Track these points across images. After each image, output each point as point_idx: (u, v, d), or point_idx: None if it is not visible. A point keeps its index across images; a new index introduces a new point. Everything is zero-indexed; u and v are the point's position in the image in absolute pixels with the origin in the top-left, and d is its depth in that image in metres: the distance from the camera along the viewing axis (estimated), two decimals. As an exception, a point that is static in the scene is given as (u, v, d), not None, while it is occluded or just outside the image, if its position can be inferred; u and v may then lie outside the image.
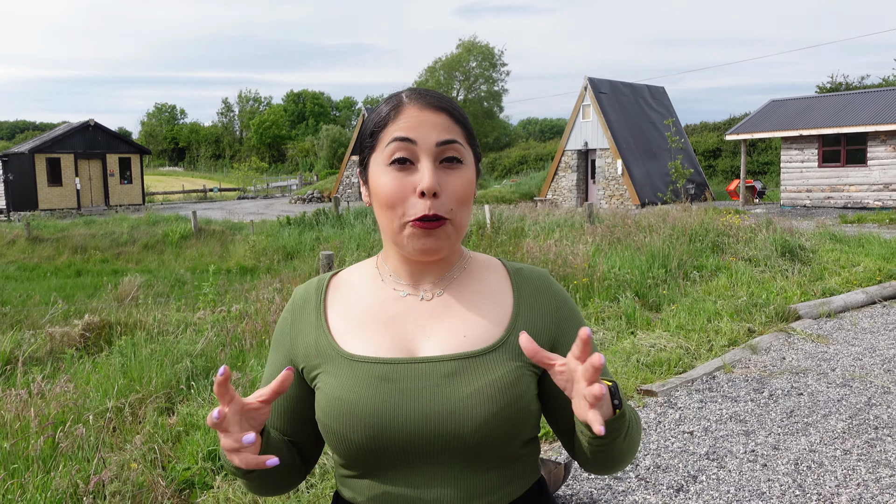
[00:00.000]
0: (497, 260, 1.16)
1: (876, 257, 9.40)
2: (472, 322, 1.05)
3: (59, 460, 3.32)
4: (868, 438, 4.09)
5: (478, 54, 54.04)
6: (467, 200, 1.03)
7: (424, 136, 1.00)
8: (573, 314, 1.13)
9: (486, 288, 1.10)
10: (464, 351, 1.02)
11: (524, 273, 1.13)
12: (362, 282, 1.12)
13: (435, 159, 1.00)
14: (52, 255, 18.68)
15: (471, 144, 1.06)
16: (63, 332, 6.05)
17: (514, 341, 1.04)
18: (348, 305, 1.09)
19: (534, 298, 1.10)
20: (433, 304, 1.07)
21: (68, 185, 32.64)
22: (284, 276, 9.27)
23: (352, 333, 1.06)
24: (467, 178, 1.03)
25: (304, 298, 1.13)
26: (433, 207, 0.99)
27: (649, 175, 25.77)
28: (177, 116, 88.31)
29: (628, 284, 7.47)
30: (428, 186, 0.98)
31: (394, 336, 1.04)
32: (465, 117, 1.07)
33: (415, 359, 1.02)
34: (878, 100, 20.76)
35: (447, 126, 1.02)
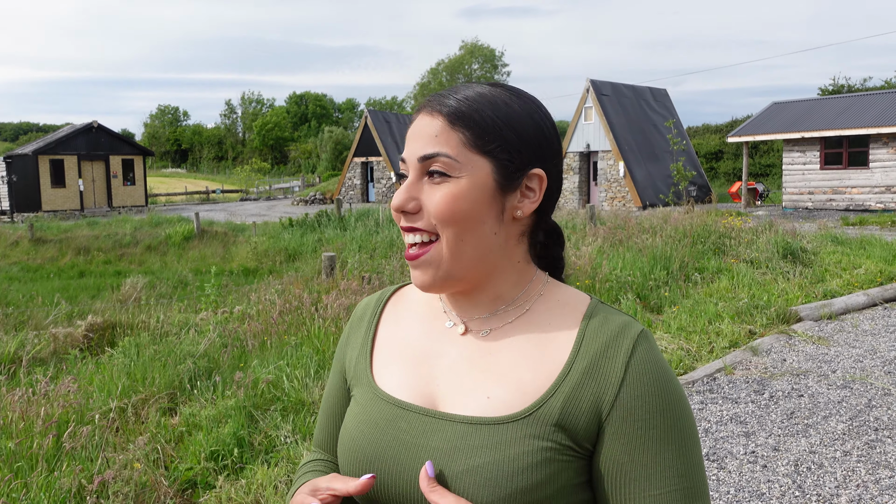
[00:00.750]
0: (587, 299, 0.92)
1: (877, 259, 9.40)
2: (506, 380, 0.86)
3: (63, 460, 3.35)
4: (868, 440, 4.10)
5: (479, 56, 54.13)
6: (454, 218, 0.85)
7: (412, 150, 0.88)
8: (643, 399, 0.82)
9: (543, 339, 0.88)
10: (481, 415, 0.84)
11: (603, 323, 0.87)
12: (421, 301, 1.00)
13: (420, 174, 0.88)
14: (55, 256, 18.74)
15: (483, 151, 0.86)
16: (66, 332, 6.08)
17: (547, 413, 0.83)
18: (398, 326, 0.99)
19: (596, 362, 0.84)
20: (473, 346, 0.91)
21: (71, 187, 32.72)
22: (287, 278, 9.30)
23: (388, 361, 0.96)
24: (450, 192, 0.85)
25: (362, 311, 1.05)
26: (406, 220, 0.88)
27: (651, 177, 25.78)
28: (180, 118, 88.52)
29: (630, 286, 7.49)
30: (393, 203, 0.88)
31: (422, 376, 0.91)
32: (471, 118, 0.86)
33: (429, 411, 0.88)
34: (880, 102, 20.75)
35: (435, 135, 0.86)
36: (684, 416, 0.83)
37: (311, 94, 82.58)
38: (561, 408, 0.83)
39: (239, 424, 3.80)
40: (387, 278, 7.73)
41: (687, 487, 0.82)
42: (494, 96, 0.88)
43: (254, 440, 3.78)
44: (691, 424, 0.84)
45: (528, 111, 0.89)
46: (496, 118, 0.87)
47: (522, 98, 0.91)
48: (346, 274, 7.91)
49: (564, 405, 0.83)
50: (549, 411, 0.83)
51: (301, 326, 5.64)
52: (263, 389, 4.24)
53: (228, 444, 3.64)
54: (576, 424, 0.82)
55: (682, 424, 0.83)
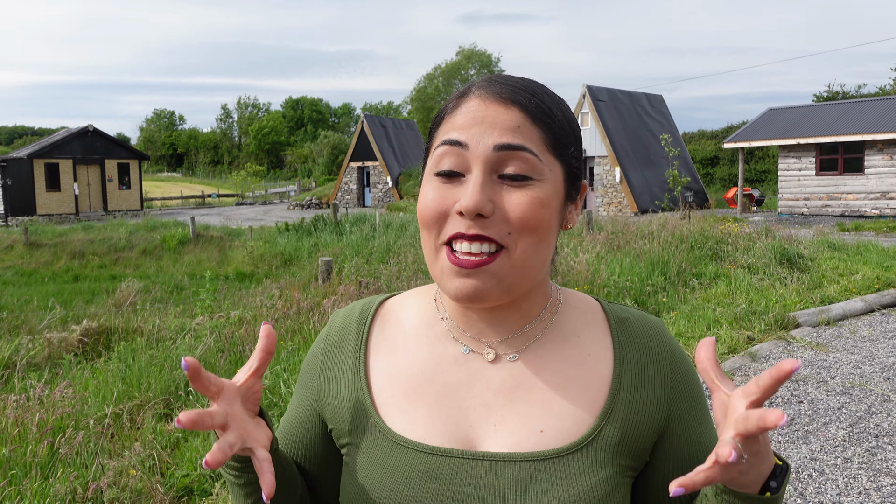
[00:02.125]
0: (594, 302, 0.88)
1: (874, 265, 9.41)
2: (554, 407, 0.78)
3: (57, 467, 3.31)
4: (869, 447, 4.08)
5: (476, 62, 54.26)
6: (536, 227, 0.74)
7: (479, 137, 0.74)
8: (690, 388, 0.83)
9: (578, 353, 0.82)
10: (539, 450, 0.76)
11: (631, 327, 0.84)
12: (416, 323, 0.86)
13: (490, 169, 0.74)
14: (50, 260, 18.65)
15: (558, 154, 0.77)
16: (61, 337, 6.03)
17: (608, 436, 0.77)
18: (395, 354, 0.85)
19: (640, 368, 0.82)
20: (504, 374, 0.81)
21: (66, 191, 32.61)
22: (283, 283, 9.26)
23: (398, 400, 0.82)
24: (536, 197, 0.74)
25: (340, 333, 0.88)
26: (476, 227, 0.73)
27: (647, 183, 25.84)
28: (175, 122, 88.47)
29: (628, 292, 7.47)
30: (467, 205, 0.72)
31: (451, 415, 0.79)
32: (550, 115, 0.77)
33: (474, 454, 0.77)
34: (875, 109, 20.84)
35: (515, 125, 0.74)
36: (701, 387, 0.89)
37: (308, 98, 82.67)
38: (621, 427, 0.78)
39: (236, 431, 3.75)
40: (384, 283, 7.70)
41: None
42: (553, 95, 0.80)
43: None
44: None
45: (573, 115, 0.82)
46: (566, 120, 0.79)
47: (558, 97, 0.82)
48: (343, 279, 7.88)
49: (624, 423, 0.79)
50: (609, 433, 0.78)
51: (298, 332, 5.60)
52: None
53: (225, 450, 3.60)
54: (639, 441, 0.79)
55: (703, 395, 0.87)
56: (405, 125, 38.56)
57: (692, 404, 0.83)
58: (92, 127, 33.60)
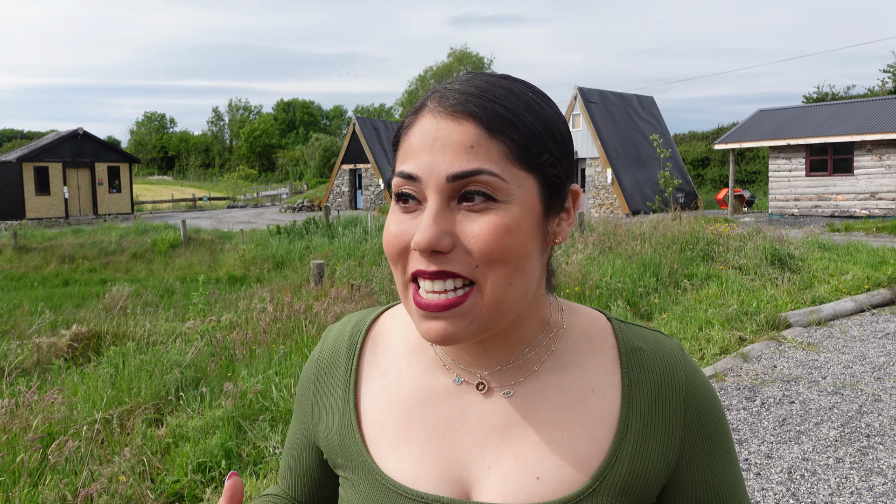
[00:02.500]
0: (605, 323, 0.79)
1: (864, 265, 9.47)
2: (553, 451, 0.72)
3: (46, 473, 3.27)
4: (860, 446, 4.09)
5: (468, 63, 54.33)
6: (505, 257, 0.66)
7: (431, 167, 0.66)
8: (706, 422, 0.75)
9: (581, 388, 0.74)
10: (536, 502, 0.70)
11: (643, 358, 0.75)
12: (407, 346, 0.80)
13: (447, 198, 0.66)
14: (39, 264, 18.52)
15: (528, 165, 0.67)
16: (50, 342, 5.98)
17: (612, 484, 0.71)
18: (387, 384, 0.79)
19: (651, 407, 0.73)
20: (499, 410, 0.74)
21: (56, 194, 32.42)
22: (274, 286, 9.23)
23: (389, 436, 0.76)
24: (499, 223, 0.65)
25: (331, 357, 0.83)
26: (436, 263, 0.66)
27: (639, 184, 25.92)
28: (166, 125, 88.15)
29: (620, 293, 7.49)
30: (419, 241, 0.65)
31: (443, 455, 0.73)
32: (512, 122, 0.67)
33: (466, 503, 0.72)
34: (864, 110, 21.00)
35: (468, 145, 0.65)
36: (726, 421, 0.80)
37: (299, 101, 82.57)
38: (626, 475, 0.71)
39: (227, 435, 3.74)
40: (376, 286, 7.68)
41: (744, 492, 0.79)
42: (523, 93, 0.69)
43: (242, 451, 3.72)
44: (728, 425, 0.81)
45: (554, 109, 0.71)
46: (536, 123, 0.68)
47: (542, 93, 0.72)
48: (335, 281, 7.86)
49: (630, 471, 0.71)
50: (614, 481, 0.71)
51: (290, 335, 5.58)
52: (252, 399, 4.17)
53: (216, 455, 3.58)
54: (646, 486, 0.72)
55: (727, 430, 0.79)
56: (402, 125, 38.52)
57: (706, 442, 0.75)
58: (82, 130, 33.43)
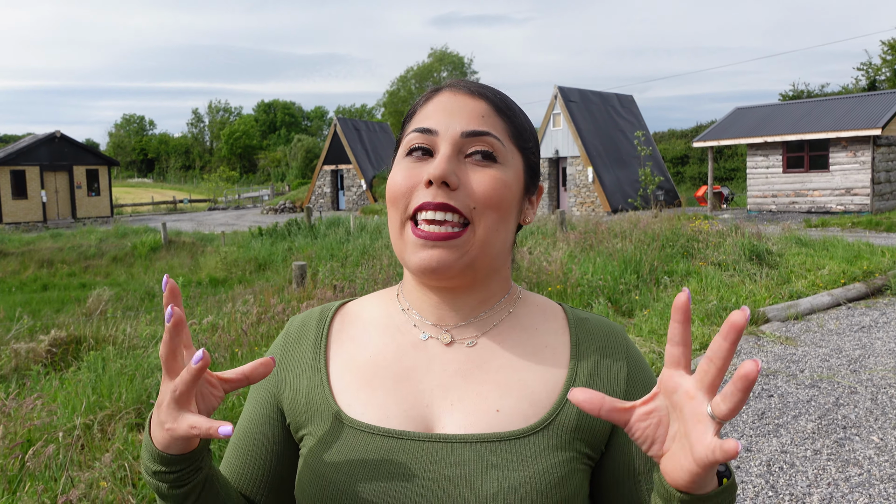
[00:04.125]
0: (557, 305, 0.90)
1: (840, 260, 9.62)
2: (511, 390, 0.79)
3: (25, 480, 3.24)
4: (837, 438, 4.17)
5: (448, 63, 54.36)
6: (499, 205, 0.78)
7: (448, 123, 0.79)
8: (647, 386, 0.84)
9: (536, 342, 0.84)
10: (495, 431, 0.77)
11: (589, 326, 0.86)
12: (377, 316, 0.88)
13: (457, 150, 0.79)
14: (17, 269, 18.25)
15: (519, 146, 0.83)
16: (29, 347, 5.91)
17: (564, 420, 0.78)
18: (356, 347, 0.86)
19: (597, 362, 0.83)
20: (462, 357, 0.82)
21: (34, 198, 31.95)
22: (256, 287, 9.18)
23: (356, 388, 0.82)
24: (499, 177, 0.79)
25: (300, 331, 0.89)
26: (442, 196, 0.77)
27: (620, 182, 26.09)
28: (146, 127, 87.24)
29: (601, 290, 7.54)
30: (434, 172, 0.76)
31: (407, 398, 0.80)
32: (512, 111, 0.84)
33: (430, 436, 0.77)
34: (839, 107, 21.30)
35: (482, 115, 0.80)
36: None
37: (280, 102, 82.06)
38: (577, 414, 0.79)
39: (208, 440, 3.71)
40: (359, 287, 7.67)
41: None
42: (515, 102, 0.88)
43: (223, 454, 3.70)
44: None
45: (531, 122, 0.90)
46: (525, 119, 0.86)
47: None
48: (318, 283, 7.84)
49: (580, 411, 0.79)
50: (566, 419, 0.78)
51: (272, 337, 5.56)
52: (234, 402, 4.16)
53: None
54: (593, 429, 0.79)
55: None
56: (378, 128, 38.47)
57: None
58: (59, 133, 32.97)
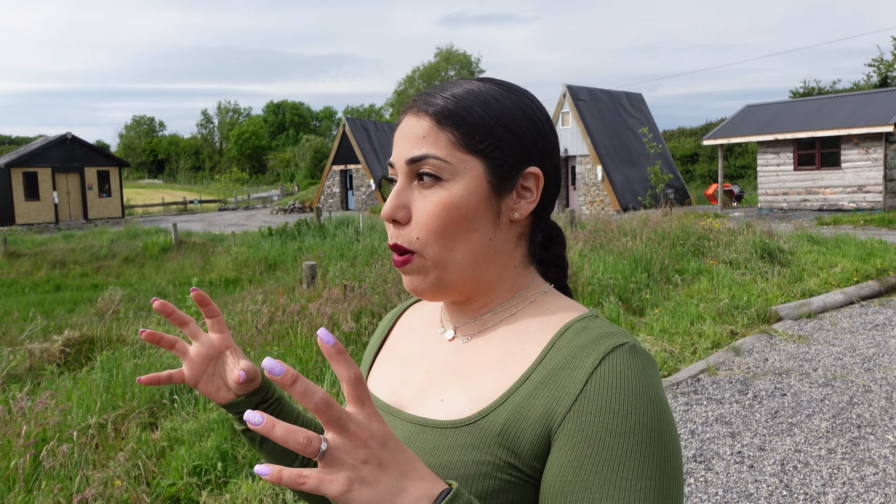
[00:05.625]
0: (583, 311, 0.83)
1: (853, 258, 9.55)
2: (464, 384, 0.82)
3: (41, 479, 3.26)
4: (851, 437, 4.13)
5: (455, 62, 54.34)
6: (442, 230, 0.80)
7: (399, 153, 0.84)
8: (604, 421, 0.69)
9: (518, 344, 0.82)
10: (428, 417, 0.81)
11: (581, 333, 0.78)
12: (431, 310, 0.99)
13: (410, 178, 0.83)
14: (30, 270, 18.40)
15: (472, 150, 0.81)
16: (42, 348, 5.96)
17: (489, 423, 0.75)
18: (406, 332, 0.99)
19: (555, 372, 0.75)
20: (453, 351, 0.88)
21: (46, 200, 32.20)
22: (267, 287, 9.21)
23: (385, 366, 0.97)
24: (440, 201, 0.80)
25: (388, 320, 1.06)
26: (394, 236, 0.84)
27: (629, 181, 26.00)
28: (155, 128, 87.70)
29: (612, 289, 7.52)
30: (384, 212, 0.83)
31: (401, 377, 0.92)
32: (460, 116, 0.81)
33: (391, 409, 0.88)
34: (850, 104, 21.14)
35: (422, 136, 0.81)
36: (658, 443, 0.69)
37: (289, 102, 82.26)
38: (505, 419, 0.74)
39: (222, 438, 3.73)
40: (369, 287, 7.68)
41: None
42: (484, 92, 0.83)
43: (237, 453, 3.72)
44: (667, 456, 0.69)
45: (520, 106, 0.84)
46: (486, 115, 0.81)
47: (514, 92, 0.86)
48: (328, 283, 7.86)
49: (509, 417, 0.74)
50: (492, 422, 0.75)
51: (284, 337, 5.58)
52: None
53: (211, 458, 3.58)
54: (519, 439, 0.73)
55: (652, 451, 0.68)
56: (387, 127, 38.50)
57: (590, 433, 0.69)
58: (70, 135, 33.20)
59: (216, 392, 0.94)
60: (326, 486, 0.59)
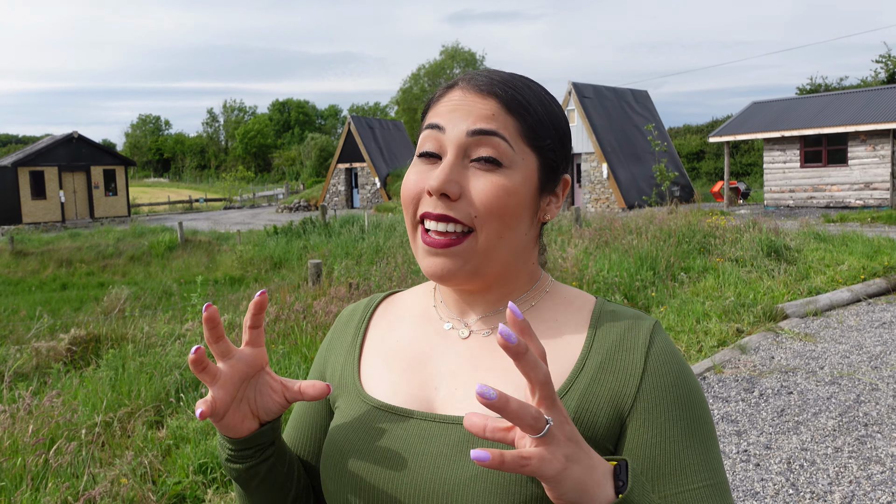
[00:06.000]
0: (591, 298, 0.87)
1: (860, 255, 9.50)
2: (512, 378, 0.78)
3: (48, 477, 3.28)
4: (858, 435, 4.12)
5: (461, 60, 54.28)
6: (501, 213, 0.77)
7: (456, 122, 0.78)
8: (676, 400, 0.77)
9: (550, 335, 0.82)
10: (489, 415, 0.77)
11: (615, 317, 0.83)
12: (414, 305, 0.93)
13: (462, 153, 0.78)
14: (36, 268, 18.49)
15: (533, 144, 0.79)
16: (49, 346, 5.98)
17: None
18: (389, 332, 0.92)
19: (610, 356, 0.79)
20: (474, 346, 0.84)
21: (52, 198, 32.33)
22: (273, 286, 9.23)
23: (378, 367, 0.88)
24: (502, 184, 0.77)
25: (349, 317, 0.98)
26: (443, 208, 0.78)
27: (634, 178, 25.93)
28: (161, 127, 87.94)
29: (617, 287, 7.50)
30: (432, 185, 0.77)
31: (418, 380, 0.84)
32: (526, 108, 0.79)
33: (426, 415, 0.80)
34: (857, 100, 21.02)
35: (490, 114, 0.78)
36: (705, 410, 0.79)
37: (294, 101, 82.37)
38: (577, 406, 0.76)
39: (228, 436, 3.74)
40: (374, 285, 7.68)
41: (715, 483, 0.76)
42: (538, 90, 0.83)
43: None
44: (710, 419, 0.80)
45: (561, 111, 0.84)
46: (545, 113, 0.81)
47: (551, 95, 0.84)
48: (333, 281, 7.87)
49: (580, 403, 0.76)
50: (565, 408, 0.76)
51: (289, 335, 5.58)
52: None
53: (217, 456, 3.59)
54: (594, 422, 0.76)
55: (704, 418, 0.78)
56: (392, 126, 38.50)
57: (669, 406, 0.76)
58: (77, 134, 33.33)
59: (241, 421, 0.80)
60: (547, 465, 0.61)
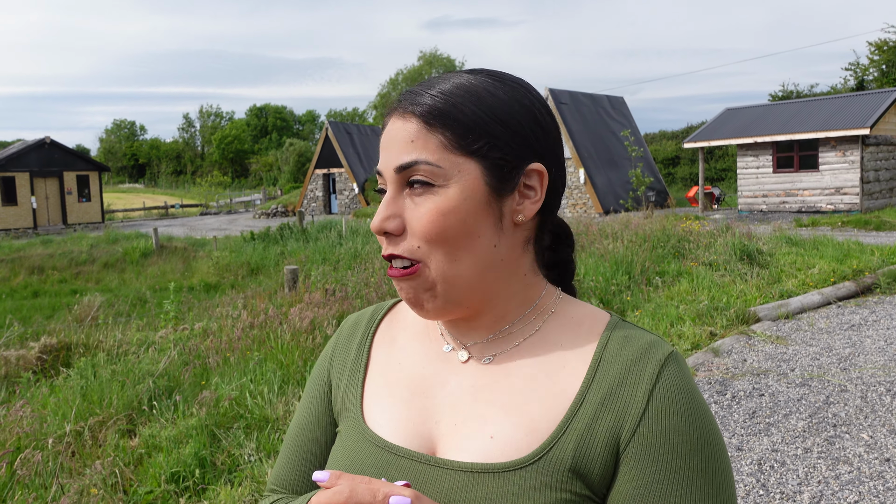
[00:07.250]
0: (606, 316, 0.79)
1: (830, 259, 9.67)
2: (511, 415, 0.73)
3: (14, 489, 3.22)
4: (827, 436, 4.19)
5: (439, 66, 54.42)
6: (441, 237, 0.73)
7: (386, 160, 0.76)
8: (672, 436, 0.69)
9: (555, 362, 0.76)
10: (481, 461, 0.72)
11: (626, 344, 0.75)
12: (416, 320, 0.87)
13: (400, 187, 0.75)
14: (7, 276, 18.14)
15: (467, 151, 0.73)
16: (19, 355, 5.88)
17: (559, 455, 0.70)
18: (392, 349, 0.86)
19: (613, 390, 0.72)
20: (476, 374, 0.78)
21: (24, 205, 31.77)
22: (249, 292, 9.16)
23: (380, 392, 0.83)
24: (435, 207, 0.72)
25: (352, 328, 0.92)
26: (389, 247, 0.76)
27: (611, 183, 26.17)
28: (136, 132, 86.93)
29: (593, 292, 7.56)
30: (372, 227, 0.75)
31: (418, 412, 0.79)
32: (450, 115, 0.73)
33: (423, 457, 0.75)
34: (828, 107, 21.44)
35: (410, 140, 0.73)
36: (717, 459, 0.70)
37: (272, 106, 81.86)
38: (574, 449, 0.70)
39: (201, 444, 3.71)
40: (351, 290, 7.66)
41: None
42: (475, 85, 0.75)
43: (216, 460, 3.69)
44: (725, 469, 0.71)
45: (516, 98, 0.76)
46: (480, 111, 0.74)
47: (508, 83, 0.77)
48: (309, 286, 7.83)
49: (578, 446, 0.70)
50: (561, 454, 0.70)
51: (265, 342, 5.55)
52: (226, 407, 4.15)
53: (190, 464, 3.55)
54: (591, 468, 0.70)
55: (713, 468, 0.70)
56: (370, 131, 38.44)
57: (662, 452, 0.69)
58: (49, 139, 32.80)
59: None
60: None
